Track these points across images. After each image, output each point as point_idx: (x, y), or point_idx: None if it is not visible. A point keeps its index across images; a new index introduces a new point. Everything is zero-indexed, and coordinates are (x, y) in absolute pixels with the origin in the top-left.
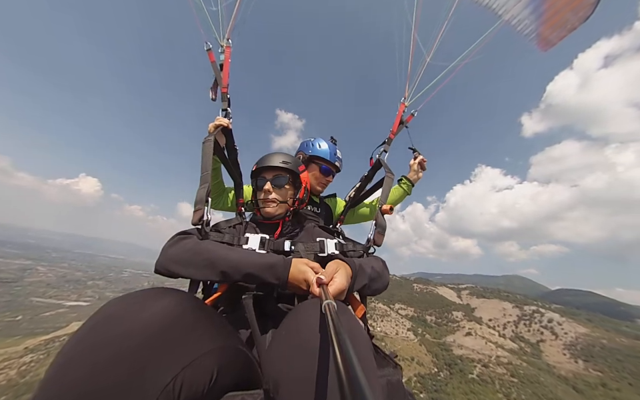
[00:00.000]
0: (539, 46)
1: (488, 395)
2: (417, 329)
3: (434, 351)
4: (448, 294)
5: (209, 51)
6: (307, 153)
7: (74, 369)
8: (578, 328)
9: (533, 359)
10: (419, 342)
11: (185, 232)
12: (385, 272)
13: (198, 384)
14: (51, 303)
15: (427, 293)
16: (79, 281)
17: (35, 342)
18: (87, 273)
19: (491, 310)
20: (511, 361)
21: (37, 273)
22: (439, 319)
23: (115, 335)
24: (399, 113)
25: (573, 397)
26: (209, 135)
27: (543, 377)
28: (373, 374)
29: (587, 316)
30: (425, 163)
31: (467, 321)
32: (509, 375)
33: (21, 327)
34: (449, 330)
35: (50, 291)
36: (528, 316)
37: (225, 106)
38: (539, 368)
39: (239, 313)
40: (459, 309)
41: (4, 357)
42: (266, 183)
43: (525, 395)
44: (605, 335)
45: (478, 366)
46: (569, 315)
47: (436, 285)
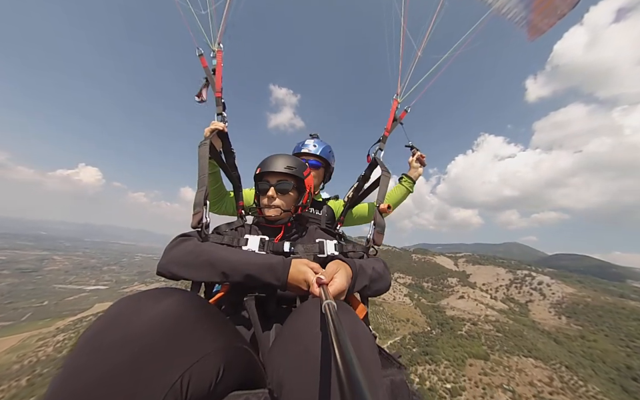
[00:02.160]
0: (529, 34)
1: (473, 347)
2: (413, 295)
3: (428, 313)
4: (445, 262)
5: (201, 56)
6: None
7: (84, 369)
8: (566, 289)
9: (520, 317)
10: (415, 305)
11: (185, 234)
12: (386, 273)
13: (204, 382)
14: (72, 289)
15: (424, 262)
16: (94, 267)
17: (65, 322)
18: (101, 259)
19: (485, 275)
20: (499, 319)
21: (54, 262)
22: (435, 285)
23: (122, 334)
24: (392, 110)
25: (552, 347)
26: (205, 138)
27: (526, 332)
28: (376, 373)
29: (579, 278)
30: (424, 158)
31: (461, 286)
32: (494, 330)
33: (49, 311)
34: (444, 294)
35: (69, 277)
36: (520, 279)
37: (219, 110)
38: (523, 324)
39: (240, 314)
40: (454, 275)
41: (38, 337)
42: (270, 188)
43: (507, 346)
44: (590, 294)
45: (467, 324)
46: (560, 277)
47: (434, 254)
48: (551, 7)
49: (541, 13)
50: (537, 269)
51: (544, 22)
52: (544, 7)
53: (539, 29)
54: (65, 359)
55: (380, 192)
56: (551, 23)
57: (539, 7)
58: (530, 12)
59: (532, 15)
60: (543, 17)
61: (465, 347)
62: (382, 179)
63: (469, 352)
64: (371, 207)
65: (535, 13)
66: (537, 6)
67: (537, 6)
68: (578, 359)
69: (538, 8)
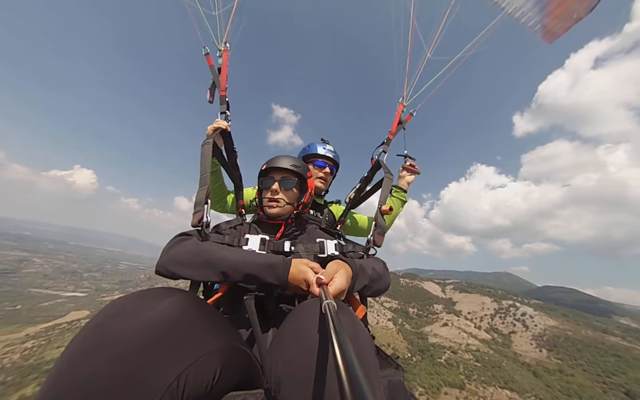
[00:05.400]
0: (544, 38)
1: (450, 375)
2: (397, 319)
3: (410, 339)
4: (433, 288)
5: (207, 55)
6: (301, 157)
7: (79, 368)
8: (548, 321)
9: (501, 347)
10: (397, 330)
11: (185, 233)
12: (386, 273)
13: (201, 382)
14: (48, 294)
15: (411, 287)
16: (75, 272)
17: (36, 329)
18: (82, 264)
19: (471, 304)
20: (479, 348)
21: (34, 265)
22: (420, 311)
23: (120, 333)
24: (398, 113)
25: (529, 379)
26: (208, 137)
27: (505, 363)
28: (374, 374)
29: (564, 311)
30: (415, 167)
31: (446, 313)
32: (474, 360)
33: (21, 316)
34: (429, 321)
35: (47, 282)
36: (504, 310)
37: (223, 109)
38: (504, 355)
39: (240, 313)
40: (440, 302)
41: (6, 343)
42: (274, 183)
43: (485, 377)
44: (573, 327)
45: (448, 352)
46: (545, 310)
47: (422, 279)
48: (568, 11)
49: (556, 17)
50: (522, 300)
51: (559, 26)
52: (560, 11)
53: (554, 33)
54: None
55: (382, 193)
56: (566, 27)
57: (554, 11)
58: (545, 16)
59: (547, 19)
60: (559, 21)
61: (442, 374)
62: (385, 180)
63: (445, 380)
64: (370, 221)
65: (550, 16)
66: (553, 10)
67: (553, 10)
68: (554, 393)
69: (553, 12)
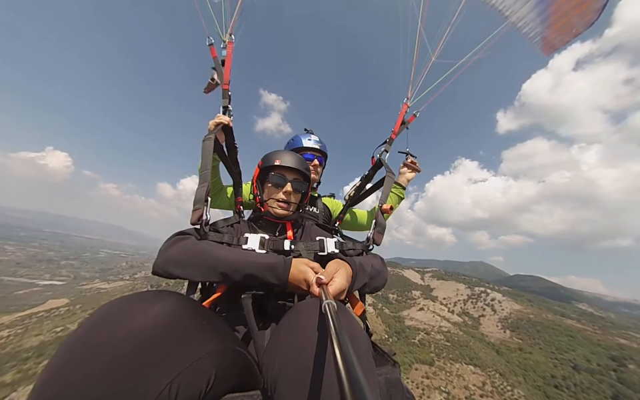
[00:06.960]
0: (543, 49)
1: (422, 354)
2: (377, 305)
3: (388, 322)
4: (412, 276)
5: (211, 45)
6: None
7: (69, 374)
8: (514, 306)
9: (470, 329)
10: (377, 314)
11: (183, 232)
12: (384, 269)
13: (195, 388)
14: (23, 282)
15: (393, 274)
16: (51, 260)
17: (11, 318)
18: (59, 252)
19: (446, 290)
20: (450, 330)
21: (5, 252)
22: (399, 297)
23: (110, 338)
24: (402, 113)
25: (492, 357)
26: (209, 133)
27: (472, 343)
28: (371, 374)
29: (529, 297)
30: (416, 164)
31: (423, 298)
32: (444, 340)
33: None
34: (407, 306)
35: (20, 270)
36: (476, 295)
37: (225, 103)
38: (472, 336)
39: (237, 312)
40: (419, 288)
41: None
42: (287, 183)
43: (452, 355)
44: (534, 311)
45: (421, 333)
46: (512, 296)
47: (403, 268)
48: (567, 25)
49: (556, 30)
50: (493, 287)
51: (559, 39)
52: (560, 24)
53: (553, 45)
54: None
55: (384, 192)
56: (565, 41)
57: (555, 24)
58: (546, 28)
59: (547, 31)
60: (558, 34)
61: (414, 353)
62: (386, 179)
63: (417, 357)
64: (369, 216)
65: (550, 29)
66: (553, 22)
67: (553, 22)
68: (512, 368)
69: (554, 24)
